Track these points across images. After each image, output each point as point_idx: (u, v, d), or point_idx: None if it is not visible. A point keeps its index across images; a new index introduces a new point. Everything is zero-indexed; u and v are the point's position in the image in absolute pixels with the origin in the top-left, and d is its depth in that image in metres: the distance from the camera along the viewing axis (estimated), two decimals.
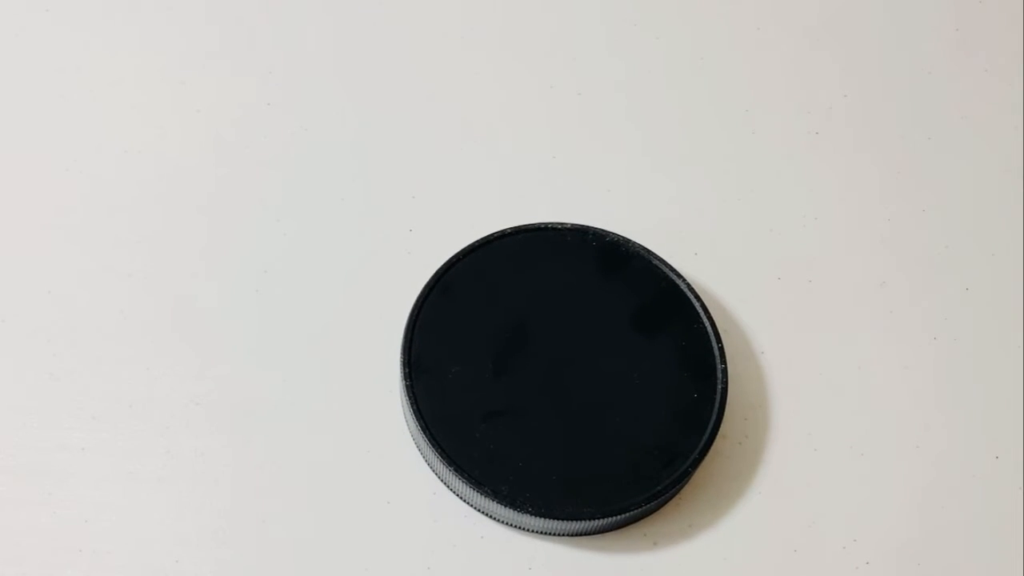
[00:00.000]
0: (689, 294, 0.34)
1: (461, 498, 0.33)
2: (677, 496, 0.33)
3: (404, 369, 0.33)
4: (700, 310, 0.34)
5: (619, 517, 0.32)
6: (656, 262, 0.35)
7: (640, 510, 0.32)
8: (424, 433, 0.32)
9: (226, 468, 0.33)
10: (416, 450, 0.34)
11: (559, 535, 0.33)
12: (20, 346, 0.35)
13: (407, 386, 0.32)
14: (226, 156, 0.38)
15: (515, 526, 0.32)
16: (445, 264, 0.34)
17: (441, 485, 0.33)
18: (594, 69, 0.42)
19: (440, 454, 0.32)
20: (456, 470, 0.31)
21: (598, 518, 0.31)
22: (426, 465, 0.33)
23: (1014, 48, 0.43)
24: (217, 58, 0.41)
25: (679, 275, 0.35)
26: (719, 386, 0.33)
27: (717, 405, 0.33)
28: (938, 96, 0.42)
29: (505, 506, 0.31)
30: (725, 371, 0.33)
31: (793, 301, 0.37)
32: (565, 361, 0.33)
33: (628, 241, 0.35)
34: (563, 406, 0.33)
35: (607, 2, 0.43)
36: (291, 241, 0.37)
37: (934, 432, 0.35)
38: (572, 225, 0.35)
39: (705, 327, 0.34)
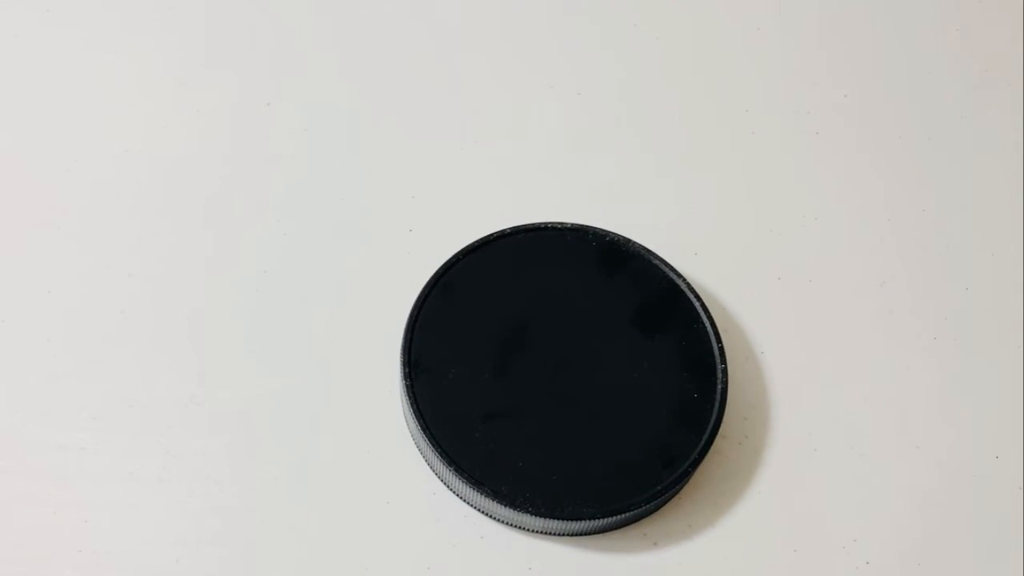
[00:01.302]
0: (689, 294, 0.34)
1: (461, 498, 0.33)
2: (677, 496, 0.33)
3: (404, 369, 0.33)
4: (700, 310, 0.34)
5: (619, 517, 0.32)
6: (656, 262, 0.35)
7: (640, 510, 0.32)
8: (424, 433, 0.32)
9: (226, 468, 0.33)
10: (416, 450, 0.34)
11: (559, 535, 0.33)
12: (20, 346, 0.35)
13: (407, 386, 0.32)
14: (226, 156, 0.38)
15: (515, 526, 0.32)
16: (445, 264, 0.34)
17: (441, 485, 0.33)
18: (594, 69, 0.42)
19: (440, 454, 0.32)
20: (456, 470, 0.31)
21: (598, 518, 0.31)
22: (426, 465, 0.33)
23: (1014, 48, 0.43)
24: (217, 58, 0.41)
25: (679, 275, 0.35)
26: (719, 386, 0.33)
27: (717, 405, 0.33)
28: (938, 96, 0.42)
29: (505, 506, 0.31)
30: (725, 371, 0.33)
31: (793, 301, 0.37)
32: (565, 361, 0.33)
33: (628, 241, 0.35)
34: (563, 406, 0.33)
35: (607, 2, 0.43)
36: (291, 241, 0.37)
37: (934, 432, 0.35)
38: (572, 225, 0.35)
39: (705, 327, 0.34)
